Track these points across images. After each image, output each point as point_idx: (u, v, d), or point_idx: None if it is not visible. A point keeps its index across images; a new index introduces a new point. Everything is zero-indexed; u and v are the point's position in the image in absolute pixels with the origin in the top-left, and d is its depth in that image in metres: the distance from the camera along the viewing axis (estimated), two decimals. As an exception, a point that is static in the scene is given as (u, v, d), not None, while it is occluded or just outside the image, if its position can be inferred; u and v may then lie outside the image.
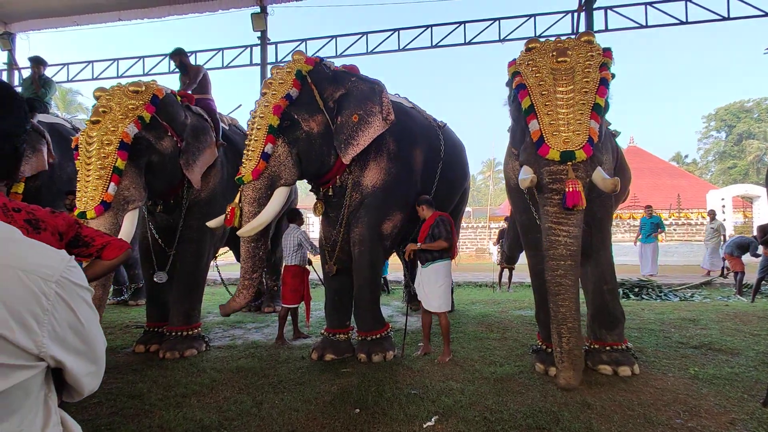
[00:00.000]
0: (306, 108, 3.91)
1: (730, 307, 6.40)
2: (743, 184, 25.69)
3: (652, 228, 10.87)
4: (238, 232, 3.85)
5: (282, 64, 4.14)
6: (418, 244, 4.14)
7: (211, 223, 4.15)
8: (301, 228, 4.93)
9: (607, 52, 3.21)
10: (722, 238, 10.42)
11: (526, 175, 3.03)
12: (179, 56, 5.23)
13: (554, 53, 3.14)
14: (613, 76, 3.19)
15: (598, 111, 2.99)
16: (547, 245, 3.06)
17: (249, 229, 3.79)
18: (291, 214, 5.00)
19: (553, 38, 3.39)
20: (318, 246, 4.60)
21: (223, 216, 4.00)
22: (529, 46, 3.33)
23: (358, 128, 3.93)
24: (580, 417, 2.79)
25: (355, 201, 4.19)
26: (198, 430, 2.69)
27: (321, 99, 3.98)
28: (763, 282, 7.44)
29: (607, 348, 3.67)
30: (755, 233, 7.95)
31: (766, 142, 36.72)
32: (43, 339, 0.67)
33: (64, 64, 12.45)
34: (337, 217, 4.27)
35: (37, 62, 6.34)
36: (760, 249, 7.32)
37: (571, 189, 2.88)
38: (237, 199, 3.89)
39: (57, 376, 0.75)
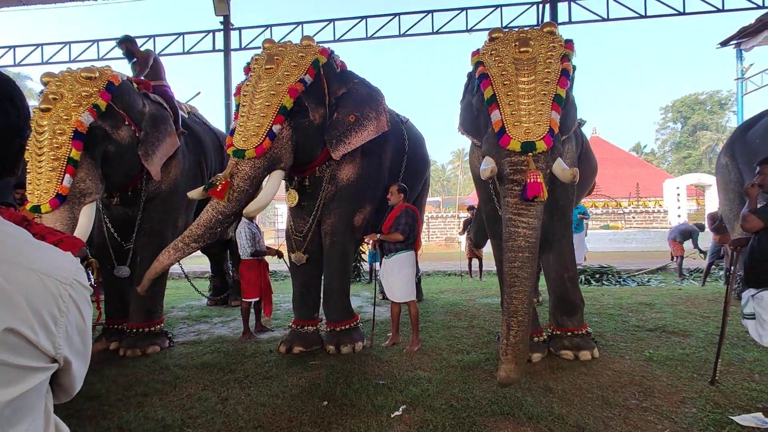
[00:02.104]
0: (314, 98, 3.83)
1: (683, 291, 6.75)
2: (697, 173, 27.01)
3: (577, 218, 10.71)
4: (244, 211, 3.63)
5: (285, 42, 3.96)
6: (378, 235, 4.15)
7: (192, 194, 3.88)
8: (254, 221, 4.85)
9: (569, 43, 3.24)
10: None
11: (486, 166, 3.03)
12: (125, 43, 4.99)
13: (516, 43, 3.15)
14: (574, 68, 3.24)
15: (559, 102, 3.01)
16: (506, 236, 3.03)
17: (255, 209, 3.64)
18: None
19: (516, 29, 3.41)
20: (282, 239, 4.54)
21: (203, 187, 3.76)
22: (493, 35, 3.33)
23: (353, 129, 3.93)
24: (542, 401, 2.88)
25: (329, 193, 4.17)
26: (159, 430, 2.61)
27: (327, 93, 3.93)
28: (713, 266, 7.87)
29: (568, 333, 3.79)
30: (706, 221, 8.39)
31: (718, 134, 38.65)
32: (59, 340, 0.69)
33: (10, 47, 11.69)
34: (310, 208, 4.21)
35: None
36: (709, 236, 7.73)
37: (531, 180, 2.89)
38: (228, 171, 3.59)
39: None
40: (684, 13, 9.58)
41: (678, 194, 22.22)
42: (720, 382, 3.08)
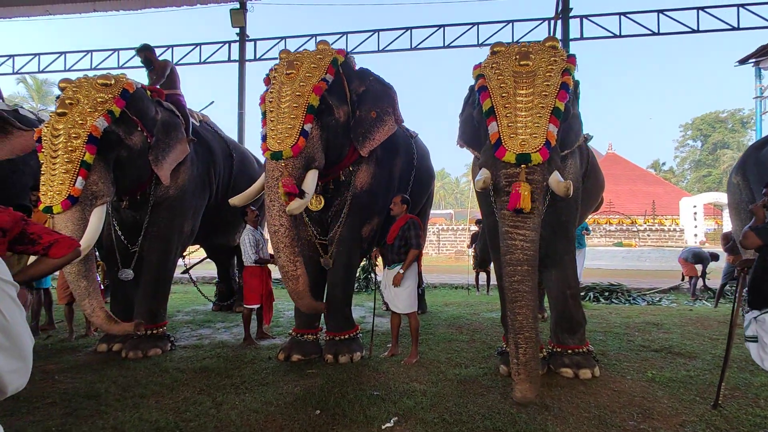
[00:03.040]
0: (337, 96, 3.88)
1: (694, 312, 6.59)
2: (715, 192, 26.50)
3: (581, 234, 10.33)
4: (288, 209, 3.52)
5: (302, 50, 4.02)
6: (400, 270, 4.08)
7: (234, 200, 3.96)
8: (259, 228, 4.91)
9: (571, 58, 3.23)
10: None
11: (480, 177, 3.03)
12: (145, 52, 5.14)
13: (517, 56, 3.15)
14: (577, 82, 3.23)
15: (558, 115, 2.99)
16: (504, 250, 2.98)
17: (297, 206, 3.56)
18: (245, 213, 4.90)
19: (519, 43, 3.42)
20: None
21: (247, 195, 3.88)
22: (495, 49, 3.34)
23: (375, 124, 4.04)
24: (536, 419, 2.83)
25: (346, 199, 4.21)
26: (152, 431, 2.64)
27: (348, 90, 4.01)
28: (726, 287, 7.68)
29: (569, 351, 3.73)
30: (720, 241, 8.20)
31: (740, 152, 37.89)
32: None
33: (35, 54, 12.11)
34: (335, 212, 4.25)
35: None
36: (722, 257, 7.56)
37: (514, 191, 2.86)
38: (276, 174, 3.51)
39: None
40: (698, 31, 9.51)
41: (695, 213, 21.81)
42: (723, 406, 2.99)
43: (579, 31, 9.84)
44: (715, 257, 8.61)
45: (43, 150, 3.68)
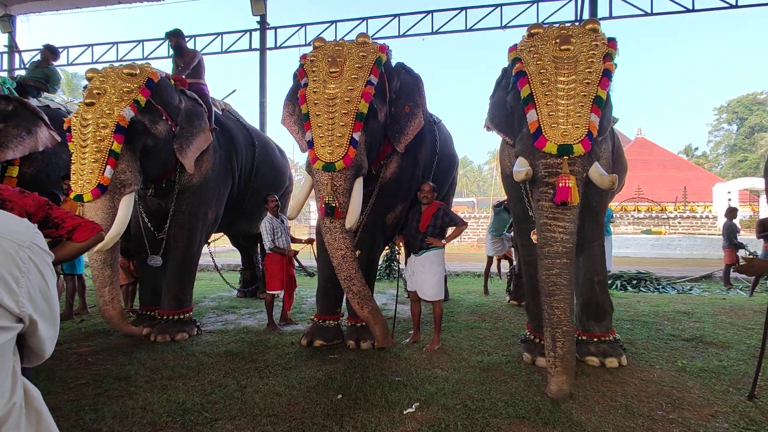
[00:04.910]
0: (379, 98, 3.77)
1: (727, 301, 6.36)
2: (752, 177, 25.36)
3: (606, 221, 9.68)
4: (347, 225, 3.48)
5: (339, 41, 3.84)
6: (443, 240, 4.12)
7: (291, 213, 3.99)
8: (278, 217, 4.95)
9: (611, 42, 3.08)
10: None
11: (521, 168, 2.94)
12: (177, 38, 5.18)
13: (557, 40, 3.01)
14: (615, 66, 3.12)
15: (599, 104, 2.87)
16: (542, 242, 2.93)
17: (353, 220, 3.50)
18: (266, 201, 5.00)
19: (557, 25, 3.26)
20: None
21: (299, 204, 3.91)
22: (532, 31, 3.20)
23: (409, 119, 3.98)
24: (561, 407, 2.78)
25: (373, 189, 4.19)
26: (180, 412, 2.71)
27: (388, 90, 3.95)
28: (763, 277, 7.37)
29: (595, 339, 3.65)
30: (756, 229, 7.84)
31: (777, 135, 36.17)
32: (22, 299, 0.71)
33: (63, 47, 12.41)
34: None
35: (48, 51, 6.18)
36: (760, 245, 7.24)
37: (562, 185, 2.79)
38: (329, 189, 3.45)
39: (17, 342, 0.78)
40: (736, 6, 9.00)
41: (729, 199, 20.92)
42: (759, 397, 2.88)
43: (608, 9, 9.44)
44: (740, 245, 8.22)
45: (72, 140, 3.77)
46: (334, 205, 3.45)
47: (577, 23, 3.28)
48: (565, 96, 2.87)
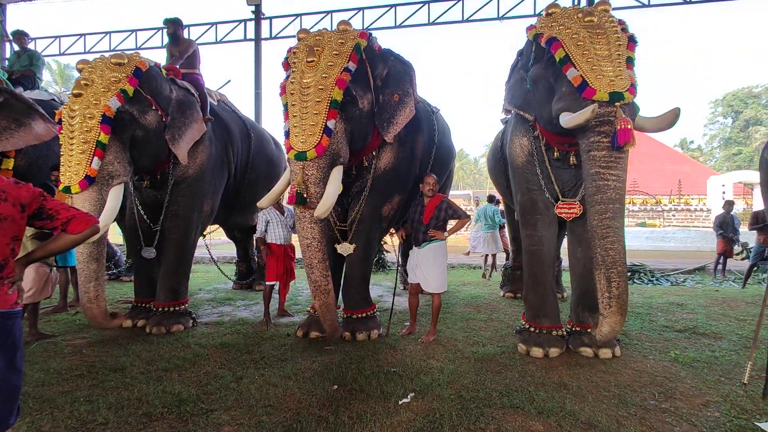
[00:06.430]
0: (360, 85, 3.74)
1: (720, 293, 6.41)
2: (745, 170, 25.49)
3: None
4: (315, 214, 3.42)
5: (321, 30, 3.79)
6: (445, 233, 4.09)
7: (262, 203, 3.96)
8: (281, 209, 4.92)
9: (621, 22, 3.29)
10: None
11: (580, 113, 2.95)
12: (175, 26, 5.09)
13: (580, 15, 3.22)
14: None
15: (632, 62, 3.12)
16: (594, 190, 3.08)
17: (324, 210, 3.41)
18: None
19: (571, 6, 3.54)
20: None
21: (273, 195, 3.89)
22: (550, 11, 3.42)
23: (398, 108, 3.93)
24: (554, 397, 2.80)
25: (367, 180, 4.17)
26: (175, 403, 2.71)
27: (372, 77, 3.88)
28: (755, 268, 7.44)
29: (589, 331, 3.67)
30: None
31: (772, 129, 36.33)
32: None
33: (55, 37, 12.27)
34: (345, 195, 4.17)
35: (20, 35, 6.22)
36: (753, 235, 7.29)
37: (622, 126, 2.92)
38: (299, 179, 3.42)
39: None
40: (734, -1, 9.01)
41: (723, 192, 21.05)
42: (750, 387, 2.92)
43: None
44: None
45: (62, 131, 3.72)
46: (303, 194, 3.43)
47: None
48: (602, 56, 3.06)
